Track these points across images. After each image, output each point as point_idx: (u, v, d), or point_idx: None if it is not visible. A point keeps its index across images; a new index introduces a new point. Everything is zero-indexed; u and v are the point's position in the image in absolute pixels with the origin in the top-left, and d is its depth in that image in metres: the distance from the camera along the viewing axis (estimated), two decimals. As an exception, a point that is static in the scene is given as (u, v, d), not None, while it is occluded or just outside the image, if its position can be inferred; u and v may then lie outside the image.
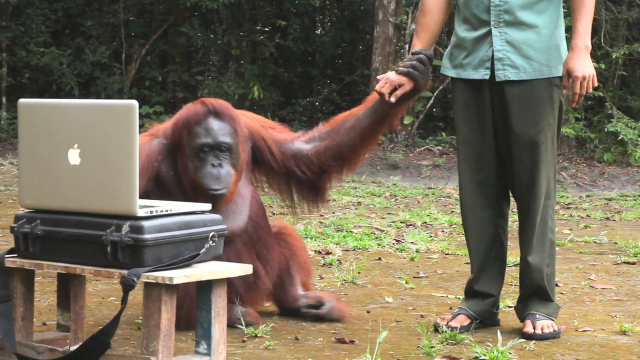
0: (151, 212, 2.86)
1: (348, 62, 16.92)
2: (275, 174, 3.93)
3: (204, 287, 2.97)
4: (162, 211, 2.90)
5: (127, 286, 2.77)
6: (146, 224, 2.82)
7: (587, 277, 5.11)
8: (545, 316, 3.72)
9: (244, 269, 3.06)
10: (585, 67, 3.57)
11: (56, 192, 2.94)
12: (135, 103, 2.80)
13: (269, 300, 4.04)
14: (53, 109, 2.99)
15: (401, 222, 7.39)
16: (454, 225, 7.22)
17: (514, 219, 4.08)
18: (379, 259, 5.64)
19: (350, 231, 6.70)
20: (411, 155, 12.65)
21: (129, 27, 15.28)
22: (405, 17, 13.37)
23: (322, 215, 7.43)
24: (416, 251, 5.92)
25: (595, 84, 3.61)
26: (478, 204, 3.79)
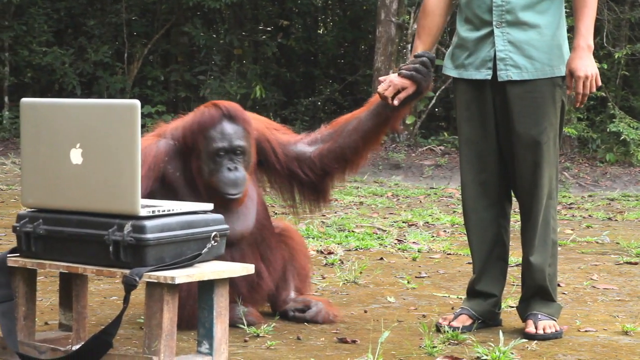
0: (153, 211, 2.86)
1: (350, 62, 16.90)
2: (278, 175, 3.93)
3: (206, 287, 2.97)
4: (164, 211, 2.90)
5: (129, 286, 2.77)
6: (148, 223, 2.82)
7: (589, 277, 5.11)
8: (547, 316, 3.71)
9: (245, 268, 3.07)
10: (588, 66, 3.56)
11: (58, 191, 2.94)
12: (137, 102, 2.80)
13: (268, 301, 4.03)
14: (55, 108, 2.99)
15: (403, 222, 7.39)
16: (456, 225, 7.22)
17: (516, 219, 4.07)
18: (381, 258, 5.64)
19: (352, 231, 6.70)
20: (413, 155, 12.64)
21: (131, 26, 15.27)
22: (407, 17, 13.36)
23: (324, 215, 7.42)
24: (418, 251, 5.92)
25: (599, 83, 3.60)
26: (480, 204, 3.79)
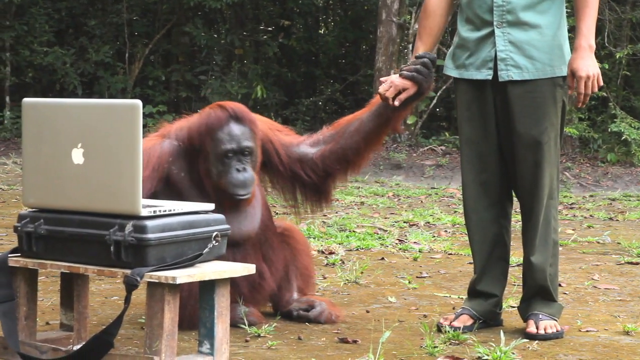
0: (154, 211, 2.86)
1: (351, 62, 16.90)
2: (281, 176, 3.93)
3: (207, 287, 2.97)
4: (165, 211, 2.90)
5: (130, 286, 2.77)
6: (149, 223, 2.82)
7: (590, 277, 5.11)
8: (548, 316, 3.71)
9: (246, 268, 3.07)
10: (590, 66, 3.56)
11: (60, 191, 2.94)
12: (138, 102, 2.80)
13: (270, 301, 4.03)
14: (57, 108, 2.99)
15: (404, 222, 7.39)
16: (457, 225, 7.21)
17: (517, 219, 4.07)
18: (382, 258, 5.64)
19: (353, 231, 6.70)
20: (414, 155, 12.64)
21: (132, 26, 15.28)
22: (408, 17, 13.36)
23: (325, 215, 7.42)
24: (419, 251, 5.92)
25: (600, 83, 3.60)
26: (481, 204, 3.79)
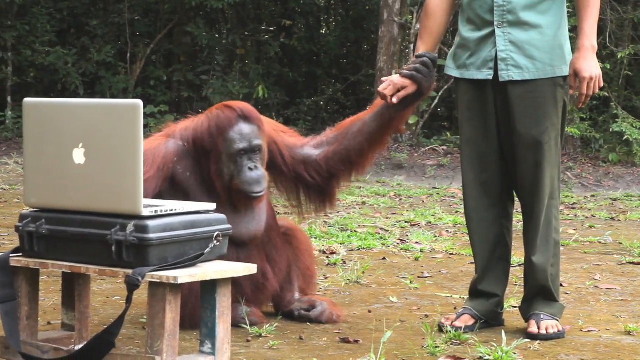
0: (156, 211, 2.87)
1: (353, 61, 16.90)
2: (284, 178, 3.94)
3: (209, 287, 2.97)
4: (166, 210, 2.90)
5: (132, 285, 2.77)
6: (151, 223, 2.82)
7: (591, 277, 5.11)
8: (549, 316, 3.71)
9: (248, 268, 3.07)
10: (592, 67, 3.56)
11: (61, 191, 2.94)
12: (140, 102, 2.80)
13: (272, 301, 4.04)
14: (58, 108, 2.99)
15: (406, 222, 7.39)
16: (459, 225, 7.21)
17: (519, 219, 4.07)
18: (384, 258, 5.64)
19: (355, 231, 6.70)
20: (416, 155, 12.63)
21: (134, 26, 15.28)
22: (410, 16, 13.36)
23: (327, 215, 7.42)
24: (421, 251, 5.92)
25: (601, 84, 3.60)
26: (482, 204, 3.79)
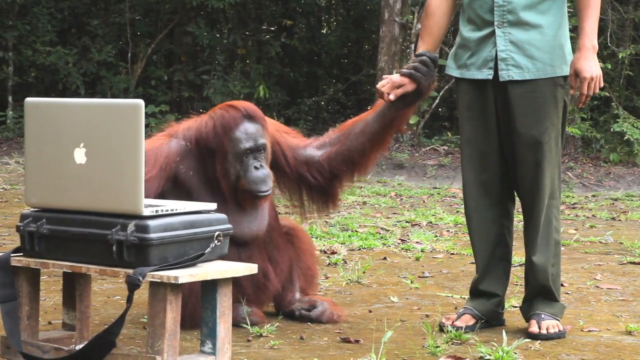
0: (156, 211, 2.87)
1: (354, 61, 16.91)
2: (287, 178, 3.94)
3: (209, 287, 2.97)
4: (167, 210, 2.90)
5: (133, 285, 2.77)
6: (151, 223, 2.82)
7: (592, 277, 5.11)
8: (550, 316, 3.71)
9: (249, 268, 3.07)
10: (593, 67, 3.57)
11: (62, 191, 2.94)
12: (141, 102, 2.80)
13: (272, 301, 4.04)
14: (59, 108, 2.99)
15: (406, 222, 7.39)
16: (459, 225, 7.21)
17: (519, 219, 4.07)
18: (384, 258, 5.64)
19: (356, 231, 6.70)
20: (417, 154, 12.63)
21: (134, 26, 15.28)
22: (411, 16, 13.36)
23: (328, 215, 7.42)
24: (421, 251, 5.92)
25: (601, 85, 3.60)
26: (482, 204, 3.79)
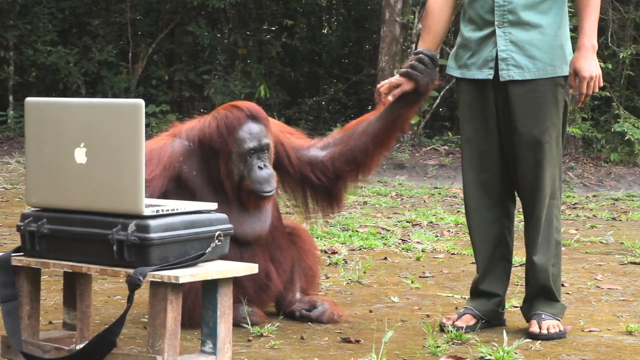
0: (157, 211, 2.87)
1: (355, 61, 16.90)
2: (291, 179, 3.94)
3: (210, 287, 2.97)
4: (168, 210, 2.90)
5: (133, 285, 2.77)
6: (152, 222, 2.82)
7: (593, 277, 5.11)
8: (551, 316, 3.71)
9: (249, 268, 3.07)
10: (593, 66, 3.57)
11: (62, 190, 2.94)
12: (141, 102, 2.80)
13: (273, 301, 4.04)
14: (60, 107, 3.00)
15: (407, 222, 7.39)
16: (460, 225, 7.21)
17: (520, 219, 4.07)
18: (385, 258, 5.64)
19: (356, 230, 6.70)
20: (417, 154, 12.63)
21: (135, 26, 15.28)
22: (412, 16, 13.35)
23: (330, 215, 7.42)
24: (422, 251, 5.92)
25: (601, 84, 3.60)
26: (482, 204, 3.79)
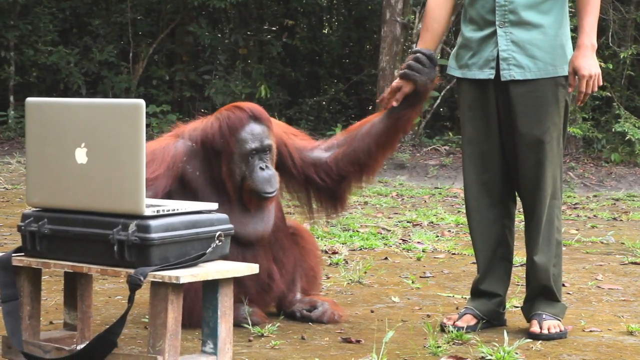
0: (158, 211, 2.87)
1: (355, 61, 16.90)
2: (294, 180, 3.95)
3: (211, 287, 2.97)
4: (168, 210, 2.90)
5: (134, 285, 2.77)
6: (153, 223, 2.82)
7: (594, 278, 5.11)
8: (551, 316, 3.71)
9: (250, 268, 3.07)
10: (592, 65, 3.57)
11: (63, 191, 2.94)
12: (142, 102, 2.81)
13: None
14: (60, 108, 3.00)
15: (408, 222, 7.39)
16: (461, 225, 7.21)
17: (521, 219, 4.07)
18: (386, 258, 5.64)
19: (357, 231, 6.70)
20: (418, 154, 12.63)
21: (136, 26, 15.28)
22: (412, 16, 13.35)
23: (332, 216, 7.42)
24: (423, 251, 5.92)
25: (600, 83, 3.60)
26: (483, 204, 3.79)
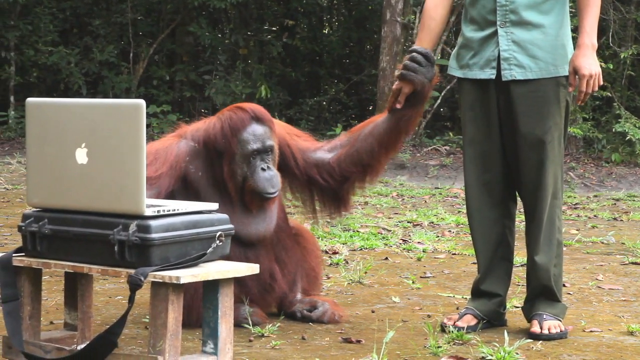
0: (158, 211, 2.87)
1: (355, 61, 16.90)
2: (297, 181, 3.95)
3: (211, 287, 2.97)
4: (169, 210, 2.90)
5: (134, 285, 2.78)
6: (153, 223, 2.82)
7: (594, 278, 5.10)
8: (552, 316, 3.71)
9: (250, 268, 3.07)
10: (592, 65, 3.56)
11: (64, 191, 2.94)
12: (142, 102, 2.81)
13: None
14: (61, 108, 3.00)
15: (408, 222, 7.39)
16: (461, 225, 7.21)
17: (521, 219, 4.07)
18: (386, 258, 5.64)
19: (357, 231, 6.70)
20: (418, 155, 12.62)
21: (136, 26, 15.28)
22: (412, 16, 13.35)
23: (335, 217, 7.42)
24: (423, 251, 5.92)
25: (601, 82, 3.60)
26: (484, 204, 3.79)
